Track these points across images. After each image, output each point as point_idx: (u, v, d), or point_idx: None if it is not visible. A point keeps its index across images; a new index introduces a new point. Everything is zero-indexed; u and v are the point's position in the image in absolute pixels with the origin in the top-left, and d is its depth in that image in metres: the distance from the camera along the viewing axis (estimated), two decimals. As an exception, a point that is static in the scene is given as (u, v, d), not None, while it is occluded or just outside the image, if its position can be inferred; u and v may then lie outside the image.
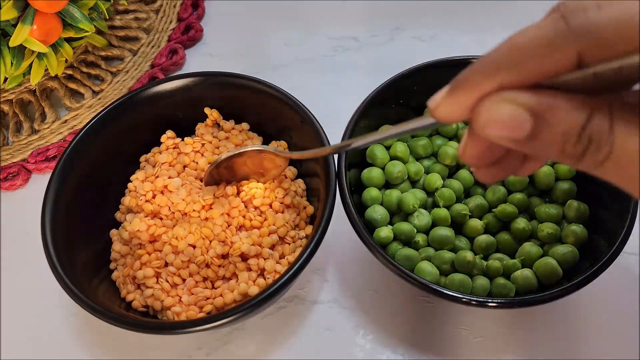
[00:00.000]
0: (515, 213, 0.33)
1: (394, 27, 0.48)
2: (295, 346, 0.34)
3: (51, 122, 0.44)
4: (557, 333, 0.34)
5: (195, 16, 0.50)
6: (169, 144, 0.37)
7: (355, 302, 0.35)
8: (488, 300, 0.28)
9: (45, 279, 0.30)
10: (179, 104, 0.37)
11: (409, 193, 0.33)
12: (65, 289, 0.29)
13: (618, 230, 0.29)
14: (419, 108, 0.37)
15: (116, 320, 0.28)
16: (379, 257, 0.29)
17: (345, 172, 0.32)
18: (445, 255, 0.31)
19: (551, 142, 0.18)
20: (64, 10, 0.39)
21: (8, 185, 0.41)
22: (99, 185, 0.35)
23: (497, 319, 0.34)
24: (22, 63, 0.39)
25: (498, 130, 0.18)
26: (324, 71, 0.46)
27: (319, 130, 0.33)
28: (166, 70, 0.47)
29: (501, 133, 0.18)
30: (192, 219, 0.33)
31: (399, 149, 0.35)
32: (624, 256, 0.30)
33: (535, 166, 0.23)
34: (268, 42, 0.49)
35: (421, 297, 0.35)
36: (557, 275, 0.30)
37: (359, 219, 0.30)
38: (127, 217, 0.34)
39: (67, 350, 0.34)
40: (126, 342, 0.34)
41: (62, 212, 0.32)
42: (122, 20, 0.49)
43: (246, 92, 0.36)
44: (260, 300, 0.27)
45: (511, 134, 0.18)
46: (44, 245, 0.30)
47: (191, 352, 0.34)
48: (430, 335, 0.34)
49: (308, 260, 0.29)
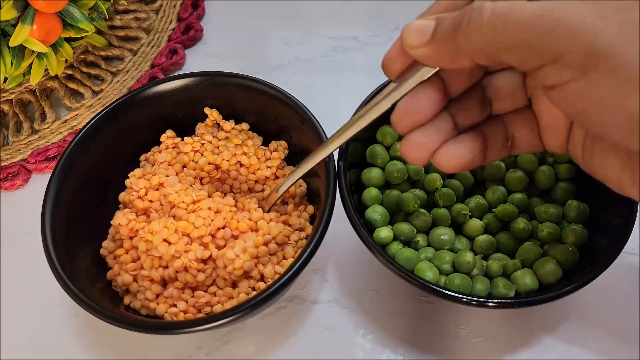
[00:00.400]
0: (515, 213, 0.33)
1: (394, 27, 0.48)
2: (295, 346, 0.34)
3: (51, 122, 0.44)
4: (557, 333, 0.34)
5: (195, 16, 0.50)
6: (168, 144, 0.37)
7: (355, 302, 0.35)
8: (488, 301, 0.28)
9: (45, 279, 0.30)
10: (179, 103, 0.37)
11: (409, 193, 0.33)
12: (65, 288, 0.29)
13: (618, 230, 0.29)
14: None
15: (116, 320, 0.28)
16: (379, 257, 0.29)
17: (345, 172, 0.32)
18: (445, 255, 0.31)
19: (446, 33, 0.21)
20: (64, 10, 0.39)
21: (8, 185, 0.41)
22: (99, 185, 0.35)
23: (497, 319, 0.34)
24: (22, 63, 0.39)
25: (412, 38, 0.22)
26: (324, 71, 0.46)
27: (319, 130, 0.33)
28: (166, 70, 0.47)
29: (414, 40, 0.22)
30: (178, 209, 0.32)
31: (399, 149, 0.35)
32: (624, 256, 0.30)
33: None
34: (268, 42, 0.49)
35: (421, 297, 0.35)
36: (557, 275, 0.30)
37: (359, 219, 0.30)
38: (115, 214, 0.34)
39: (67, 350, 0.34)
40: (126, 342, 0.34)
41: (62, 212, 0.32)
42: (122, 20, 0.49)
43: (246, 92, 0.36)
44: (260, 300, 0.27)
45: (420, 38, 0.21)
46: (44, 245, 0.30)
47: (191, 352, 0.34)
48: (430, 335, 0.34)
49: (308, 261, 0.29)
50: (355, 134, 0.27)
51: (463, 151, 0.24)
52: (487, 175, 0.35)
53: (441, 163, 0.24)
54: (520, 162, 0.34)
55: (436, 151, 0.23)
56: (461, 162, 0.24)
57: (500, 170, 0.34)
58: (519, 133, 0.26)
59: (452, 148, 0.24)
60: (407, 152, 0.24)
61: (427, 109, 0.23)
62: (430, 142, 0.23)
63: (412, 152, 0.24)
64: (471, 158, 0.24)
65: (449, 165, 0.24)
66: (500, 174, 0.34)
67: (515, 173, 0.34)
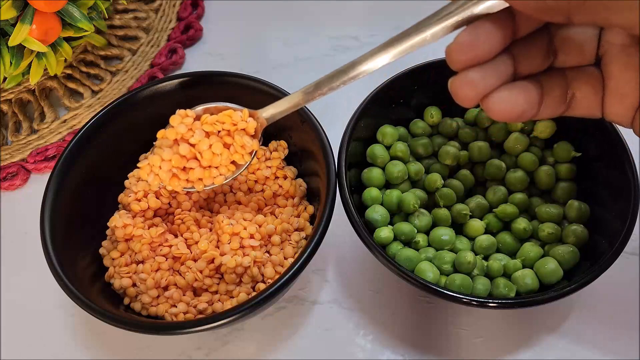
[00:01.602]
0: (515, 213, 0.33)
1: (394, 27, 0.48)
2: (295, 346, 0.34)
3: (50, 122, 0.44)
4: (557, 333, 0.34)
5: (195, 15, 0.50)
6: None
7: (355, 302, 0.35)
8: (488, 301, 0.28)
9: (45, 279, 0.30)
10: (179, 103, 0.36)
11: (409, 193, 0.33)
12: (65, 289, 0.29)
13: (619, 230, 0.29)
14: (419, 108, 0.37)
15: (115, 320, 0.28)
16: (379, 257, 0.29)
17: (345, 172, 0.32)
18: (445, 255, 0.31)
19: None
20: (63, 10, 0.39)
21: (7, 185, 0.41)
22: (99, 184, 0.35)
23: (497, 319, 0.34)
24: (21, 62, 0.39)
25: None
26: (324, 71, 0.46)
27: (319, 130, 0.33)
28: (166, 70, 0.46)
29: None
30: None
31: (399, 149, 0.35)
32: (625, 256, 0.30)
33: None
34: (268, 42, 0.49)
35: (421, 297, 0.35)
36: (557, 275, 0.30)
37: (359, 219, 0.30)
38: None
39: (66, 351, 0.34)
40: (126, 342, 0.34)
41: (61, 211, 0.32)
42: (121, 19, 0.48)
43: (246, 91, 0.35)
44: (260, 301, 0.27)
45: None
46: (43, 245, 0.30)
47: (191, 352, 0.34)
48: (431, 335, 0.34)
49: (308, 261, 0.29)
50: (404, 50, 0.24)
51: (517, 99, 0.22)
52: (487, 175, 0.35)
53: (491, 108, 0.22)
54: (520, 162, 0.34)
55: (489, 94, 0.22)
56: (513, 111, 0.22)
57: (500, 170, 0.34)
58: (580, 92, 0.24)
59: (507, 94, 0.22)
60: (458, 89, 0.22)
61: (490, 47, 0.21)
62: (485, 83, 0.21)
63: (463, 90, 0.22)
64: (523, 108, 0.22)
65: (500, 111, 0.22)
66: (500, 174, 0.34)
67: (516, 173, 0.34)
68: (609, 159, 0.32)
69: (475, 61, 0.21)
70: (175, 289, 0.31)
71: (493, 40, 0.21)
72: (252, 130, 0.30)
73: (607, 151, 0.32)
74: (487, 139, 0.36)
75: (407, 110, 0.37)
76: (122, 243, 0.33)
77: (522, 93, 0.22)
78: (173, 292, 0.31)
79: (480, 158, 0.35)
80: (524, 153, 0.34)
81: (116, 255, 0.33)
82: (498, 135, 0.35)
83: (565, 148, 0.34)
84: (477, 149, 0.35)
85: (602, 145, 0.33)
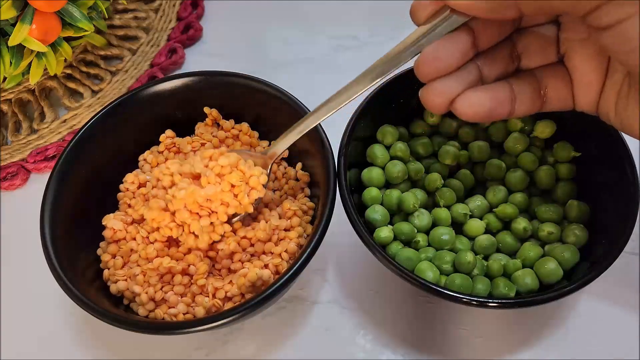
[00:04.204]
0: (515, 213, 0.33)
1: (394, 27, 0.48)
2: (295, 346, 0.34)
3: (50, 122, 0.44)
4: (557, 333, 0.34)
5: (195, 15, 0.50)
6: (167, 143, 0.36)
7: (355, 302, 0.35)
8: (488, 301, 0.28)
9: (45, 279, 0.30)
10: (179, 103, 0.36)
11: (409, 193, 0.33)
12: (64, 288, 0.29)
13: (618, 230, 0.29)
14: (419, 108, 0.37)
15: (115, 320, 0.28)
16: (379, 257, 0.29)
17: (345, 172, 0.32)
18: (445, 255, 0.31)
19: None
20: (63, 10, 0.39)
21: (7, 185, 0.41)
22: (99, 184, 0.35)
23: (497, 319, 0.34)
24: (21, 62, 0.39)
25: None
26: (324, 71, 0.46)
27: (319, 130, 0.33)
28: (165, 70, 0.46)
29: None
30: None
31: (399, 149, 0.35)
32: (625, 256, 0.30)
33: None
34: (268, 42, 0.49)
35: (421, 297, 0.35)
36: (557, 275, 0.30)
37: (359, 219, 0.30)
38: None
39: (66, 350, 0.34)
40: (125, 342, 0.34)
41: (61, 211, 0.32)
42: (121, 19, 0.48)
43: (246, 91, 0.35)
44: (260, 301, 0.27)
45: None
46: (43, 245, 0.30)
47: (191, 352, 0.34)
48: (431, 335, 0.34)
49: (308, 261, 0.29)
50: (379, 82, 0.27)
51: (481, 99, 0.23)
52: (487, 175, 0.35)
53: (458, 109, 0.23)
54: (520, 162, 0.34)
55: (455, 98, 0.23)
56: (479, 110, 0.23)
57: (500, 170, 0.34)
58: (551, 88, 0.26)
59: (471, 94, 0.23)
60: (427, 97, 0.23)
61: (453, 59, 0.23)
62: (450, 90, 0.23)
63: (431, 98, 0.23)
64: (490, 107, 0.24)
65: (466, 111, 0.23)
66: (500, 173, 0.34)
67: (516, 173, 0.34)
68: (609, 159, 0.32)
69: (440, 73, 0.23)
70: (173, 294, 0.31)
71: (456, 53, 0.23)
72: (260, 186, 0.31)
73: (607, 151, 0.32)
74: (487, 139, 0.36)
75: (407, 110, 0.37)
76: (113, 245, 0.33)
77: (487, 93, 0.24)
78: (170, 296, 0.31)
79: (480, 158, 0.35)
80: (524, 153, 0.34)
81: (109, 258, 0.33)
82: (498, 135, 0.35)
83: (565, 148, 0.34)
84: (477, 149, 0.35)
85: (602, 145, 0.33)
